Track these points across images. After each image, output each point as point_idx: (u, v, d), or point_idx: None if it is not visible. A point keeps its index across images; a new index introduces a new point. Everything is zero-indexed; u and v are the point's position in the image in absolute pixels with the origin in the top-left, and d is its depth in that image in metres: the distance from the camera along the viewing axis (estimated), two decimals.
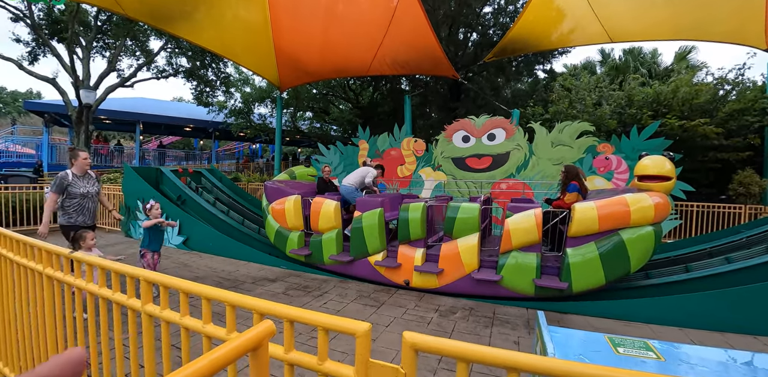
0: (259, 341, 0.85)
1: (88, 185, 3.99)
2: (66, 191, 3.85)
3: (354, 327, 0.90)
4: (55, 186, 3.81)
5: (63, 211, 3.89)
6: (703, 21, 6.99)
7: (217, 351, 0.77)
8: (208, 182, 8.47)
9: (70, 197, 3.87)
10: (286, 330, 1.03)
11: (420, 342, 0.84)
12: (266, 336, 0.88)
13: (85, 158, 3.97)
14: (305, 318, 0.98)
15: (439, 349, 0.83)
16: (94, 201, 4.08)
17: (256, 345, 0.85)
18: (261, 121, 17.16)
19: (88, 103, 9.47)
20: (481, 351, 0.78)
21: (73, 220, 3.89)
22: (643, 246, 3.61)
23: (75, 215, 3.90)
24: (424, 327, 3.38)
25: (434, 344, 0.83)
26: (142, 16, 7.06)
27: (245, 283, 4.68)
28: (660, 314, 3.62)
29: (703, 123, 8.25)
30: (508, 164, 6.86)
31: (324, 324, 0.94)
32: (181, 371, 0.68)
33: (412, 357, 0.86)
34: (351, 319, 0.93)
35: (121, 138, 30.80)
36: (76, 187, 3.88)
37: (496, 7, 11.85)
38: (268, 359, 0.92)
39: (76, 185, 3.89)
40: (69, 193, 3.86)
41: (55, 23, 13.19)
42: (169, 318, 1.34)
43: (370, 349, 0.93)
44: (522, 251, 3.97)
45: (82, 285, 1.69)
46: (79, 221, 3.92)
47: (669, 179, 3.78)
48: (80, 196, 3.91)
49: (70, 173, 3.90)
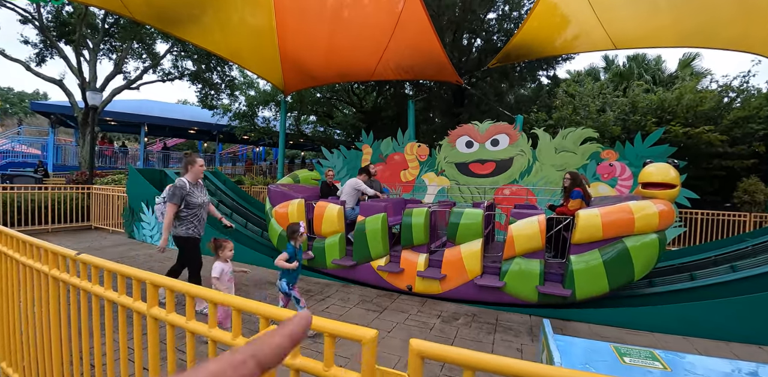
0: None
1: (202, 194, 3.78)
2: (184, 201, 3.60)
3: (361, 333, 0.90)
4: (175, 197, 3.53)
5: (180, 221, 3.64)
6: (708, 28, 6.99)
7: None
8: (211, 184, 8.50)
9: (189, 207, 3.62)
10: None
11: (427, 349, 0.84)
12: None
13: (201, 165, 3.74)
14: (312, 324, 0.98)
15: (446, 357, 0.83)
16: (206, 211, 3.87)
17: None
18: (265, 124, 17.24)
19: (94, 104, 9.54)
20: (488, 359, 0.78)
21: (192, 231, 3.66)
22: (647, 254, 3.60)
23: (193, 225, 3.67)
24: (426, 333, 3.37)
25: (441, 352, 0.83)
26: (150, 20, 7.13)
27: (247, 286, 4.68)
28: (664, 322, 3.59)
29: (707, 130, 8.24)
30: (512, 169, 6.86)
31: (330, 330, 0.94)
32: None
33: (419, 364, 0.86)
34: (357, 325, 0.93)
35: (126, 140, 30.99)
36: (194, 196, 3.66)
37: (501, 14, 11.91)
38: None
39: (194, 194, 3.66)
40: (187, 203, 3.61)
41: (63, 25, 13.34)
42: (174, 322, 1.34)
43: (376, 355, 0.93)
44: (525, 257, 3.96)
45: (88, 287, 1.69)
46: (198, 232, 3.73)
47: (674, 187, 3.77)
48: (197, 206, 3.68)
49: (186, 182, 3.63)
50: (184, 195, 3.57)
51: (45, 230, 7.86)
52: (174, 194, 3.54)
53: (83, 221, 8.69)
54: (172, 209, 3.53)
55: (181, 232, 3.64)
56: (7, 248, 2.17)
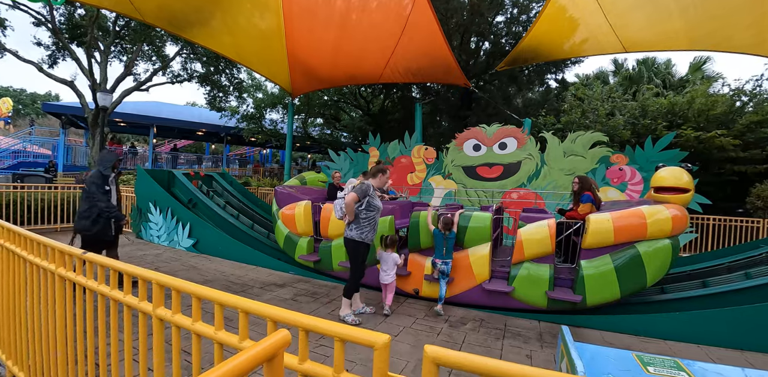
0: (274, 351, 0.83)
1: (379, 203, 3.82)
2: (366, 202, 3.63)
3: (373, 338, 0.87)
4: (360, 191, 3.59)
5: (357, 224, 3.65)
6: (720, 31, 6.90)
7: (232, 361, 0.74)
8: (219, 185, 8.53)
9: (369, 209, 3.66)
10: (301, 339, 1.00)
11: (443, 356, 0.80)
12: (282, 346, 0.85)
13: (388, 178, 3.90)
14: (322, 327, 0.95)
15: (462, 365, 0.79)
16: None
17: (271, 355, 0.82)
18: (272, 126, 17.33)
19: (104, 105, 9.64)
20: (509, 368, 0.75)
21: (365, 236, 3.67)
22: (660, 260, 3.53)
23: (368, 231, 3.68)
24: (434, 338, 3.32)
25: (457, 359, 0.80)
26: (160, 23, 7.20)
27: (253, 288, 4.66)
28: (677, 330, 3.51)
29: (719, 135, 8.11)
30: (520, 173, 6.80)
31: (342, 335, 0.91)
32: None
33: (434, 372, 0.82)
34: (369, 330, 0.90)
35: (136, 141, 31.31)
36: (376, 200, 3.70)
37: (509, 17, 11.88)
38: (283, 369, 0.89)
39: (375, 197, 3.71)
40: (369, 204, 3.65)
41: (75, 28, 13.54)
42: (180, 323, 1.32)
43: (389, 362, 0.90)
44: (534, 262, 3.90)
45: (94, 286, 1.68)
46: (371, 238, 3.74)
47: (687, 191, 3.70)
48: (377, 210, 3.73)
49: (371, 185, 3.69)
50: (368, 194, 3.61)
51: (54, 230, 7.92)
52: (361, 189, 3.59)
53: None
54: (354, 198, 3.55)
55: (355, 235, 3.66)
56: (15, 245, 2.17)
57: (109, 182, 4.28)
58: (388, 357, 0.88)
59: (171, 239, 6.89)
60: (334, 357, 0.95)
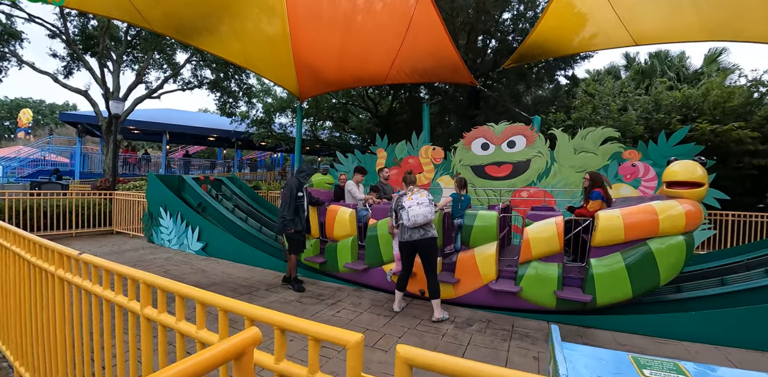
0: (243, 348, 0.79)
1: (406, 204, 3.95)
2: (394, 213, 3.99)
3: (345, 337, 0.83)
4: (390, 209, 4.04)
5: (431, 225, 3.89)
6: (737, 20, 6.67)
7: (196, 357, 0.71)
8: (228, 189, 8.60)
9: None
10: (276, 338, 0.97)
11: (415, 356, 0.76)
12: (251, 344, 0.82)
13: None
14: (295, 326, 0.91)
15: (435, 366, 0.74)
16: None
17: (239, 352, 0.79)
18: (282, 130, 17.45)
19: (117, 113, 9.84)
20: (482, 368, 0.70)
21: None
22: (674, 257, 3.39)
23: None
24: (438, 339, 3.26)
25: (431, 360, 0.75)
26: (168, 31, 7.31)
27: (259, 290, 4.66)
28: (694, 330, 3.37)
29: (737, 127, 7.84)
30: (529, 171, 6.68)
31: (314, 334, 0.88)
32: (155, 375, 0.63)
33: (407, 373, 0.78)
34: (342, 329, 0.86)
35: (149, 148, 31.94)
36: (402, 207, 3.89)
37: (515, 13, 11.73)
38: (253, 367, 0.86)
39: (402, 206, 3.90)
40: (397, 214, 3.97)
41: (88, 39, 13.89)
42: (165, 322, 1.31)
43: (362, 361, 0.86)
44: (542, 261, 3.80)
45: (88, 287, 1.68)
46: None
47: (701, 186, 3.56)
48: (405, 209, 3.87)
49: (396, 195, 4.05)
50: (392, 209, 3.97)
51: (69, 235, 8.09)
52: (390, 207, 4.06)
53: (106, 225, 8.92)
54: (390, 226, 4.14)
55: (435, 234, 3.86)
56: (20, 248, 2.20)
57: (303, 191, 4.88)
58: (362, 355, 0.84)
59: (181, 243, 6.97)
60: (309, 356, 0.91)
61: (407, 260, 3.95)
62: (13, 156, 19.66)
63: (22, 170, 17.99)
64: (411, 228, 3.75)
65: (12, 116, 38.79)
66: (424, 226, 3.75)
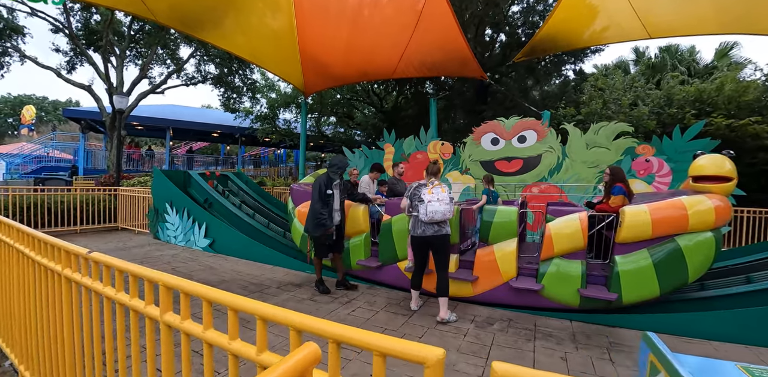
0: (303, 369, 0.68)
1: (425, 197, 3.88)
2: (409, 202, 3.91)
3: (423, 353, 0.70)
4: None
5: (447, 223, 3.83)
6: (753, 12, 6.49)
7: None
8: (234, 185, 8.49)
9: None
10: (331, 353, 0.83)
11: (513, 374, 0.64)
12: (311, 363, 0.70)
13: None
14: (356, 339, 0.78)
15: None
16: None
17: (299, 374, 0.67)
18: (286, 126, 17.31)
19: (120, 108, 9.73)
20: None
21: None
22: (703, 254, 3.28)
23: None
24: (460, 340, 3.15)
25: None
26: (173, 23, 7.17)
27: (270, 288, 4.56)
28: (722, 329, 3.25)
29: (753, 122, 7.67)
30: (540, 167, 6.56)
31: (383, 349, 0.75)
32: None
33: None
34: (418, 343, 0.74)
35: (153, 144, 31.87)
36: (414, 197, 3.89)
37: (525, 6, 11.53)
38: None
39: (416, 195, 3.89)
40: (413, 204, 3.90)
41: (91, 33, 13.75)
42: (189, 331, 1.18)
43: None
44: (565, 258, 3.69)
45: (99, 289, 1.56)
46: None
47: (730, 180, 3.43)
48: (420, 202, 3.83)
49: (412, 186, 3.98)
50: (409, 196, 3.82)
51: (74, 231, 8.01)
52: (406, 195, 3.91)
53: (110, 222, 8.84)
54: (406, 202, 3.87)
55: (449, 230, 3.78)
56: (24, 246, 2.09)
57: (333, 187, 4.41)
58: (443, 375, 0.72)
59: (188, 240, 6.88)
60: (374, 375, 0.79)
61: (419, 257, 3.83)
62: (16, 153, 19.61)
63: (25, 167, 17.94)
64: (426, 223, 3.63)
65: (15, 112, 38.71)
66: (439, 223, 3.64)
